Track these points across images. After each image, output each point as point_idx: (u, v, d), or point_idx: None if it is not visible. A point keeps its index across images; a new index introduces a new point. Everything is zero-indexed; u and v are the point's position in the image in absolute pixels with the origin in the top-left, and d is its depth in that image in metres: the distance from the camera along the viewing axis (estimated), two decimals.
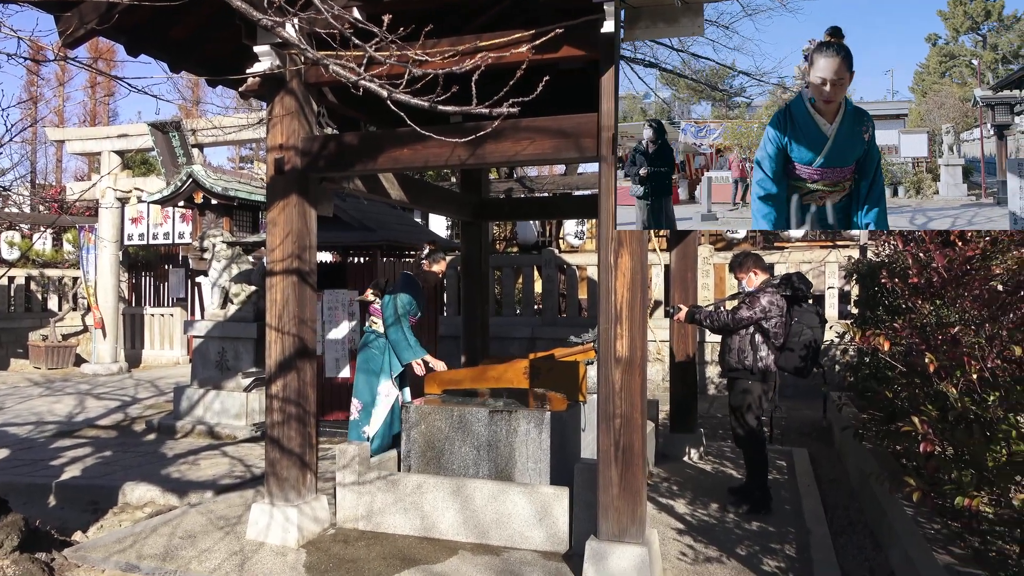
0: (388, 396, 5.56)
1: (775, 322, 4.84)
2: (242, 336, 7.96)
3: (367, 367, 5.54)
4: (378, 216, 8.26)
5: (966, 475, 3.10)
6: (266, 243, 4.53)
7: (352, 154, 4.36)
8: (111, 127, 14.07)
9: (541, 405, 4.74)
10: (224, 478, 5.87)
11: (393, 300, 5.47)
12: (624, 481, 3.69)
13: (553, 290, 11.11)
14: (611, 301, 3.72)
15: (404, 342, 5.40)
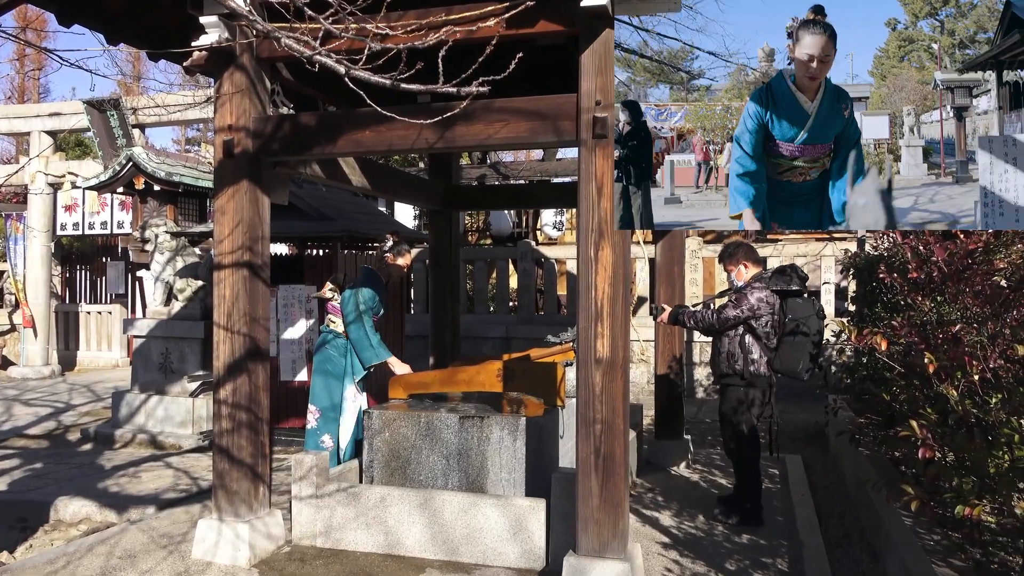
0: (354, 401, 5.53)
1: (766, 321, 4.81)
2: (188, 336, 7.87)
3: (325, 370, 5.50)
4: (338, 204, 8.20)
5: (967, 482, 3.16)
6: (214, 233, 4.48)
7: (309, 136, 4.32)
8: (41, 104, 13.81)
9: (516, 410, 4.74)
10: (168, 492, 5.81)
11: (353, 296, 5.44)
12: (605, 492, 3.71)
13: (530, 285, 11.13)
14: (591, 297, 3.73)
15: (366, 341, 5.37)
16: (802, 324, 4.69)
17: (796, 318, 4.71)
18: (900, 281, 4.62)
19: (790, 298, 4.79)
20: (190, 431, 7.62)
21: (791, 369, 4.72)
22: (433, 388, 5.15)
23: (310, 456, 4.57)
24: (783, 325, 4.78)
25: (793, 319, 4.72)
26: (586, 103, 3.72)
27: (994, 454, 3.08)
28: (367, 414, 4.78)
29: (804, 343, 4.70)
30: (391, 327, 8.13)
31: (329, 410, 5.48)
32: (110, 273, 15.77)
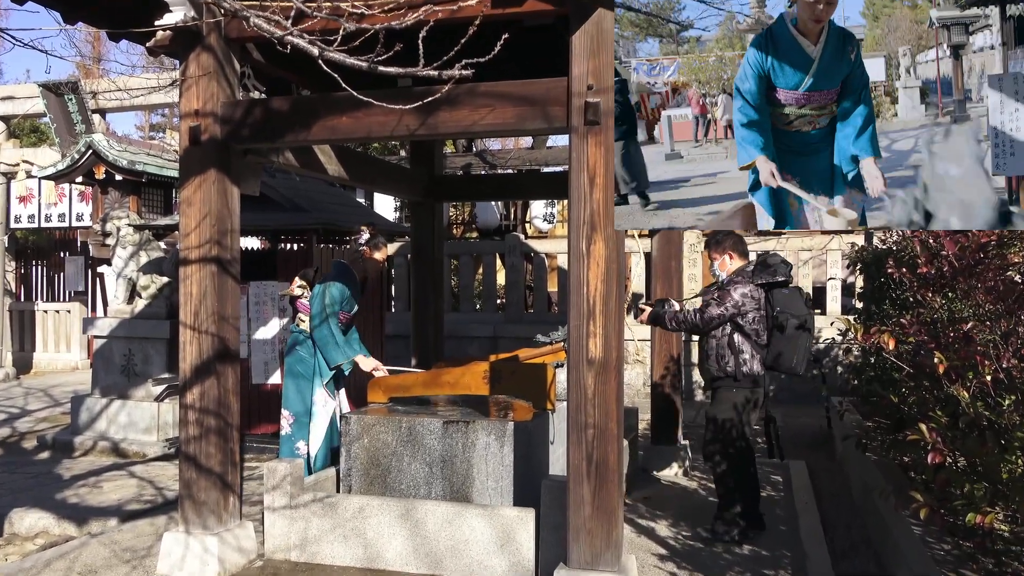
0: (326, 406, 5.52)
1: (753, 317, 4.78)
2: (152, 336, 7.83)
3: (296, 372, 5.49)
4: (313, 195, 8.17)
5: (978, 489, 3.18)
6: (180, 226, 4.46)
7: (282, 122, 4.31)
8: None
9: (503, 414, 4.75)
10: (131, 503, 5.78)
11: (322, 292, 5.42)
12: (598, 500, 3.72)
13: (518, 282, 11.14)
14: (583, 294, 3.74)
15: (331, 340, 5.34)
16: (791, 316, 4.68)
17: (784, 311, 4.70)
18: (909, 276, 4.65)
19: (776, 290, 4.76)
20: (155, 438, 7.58)
21: (786, 365, 4.72)
22: (415, 391, 5.15)
23: (283, 464, 4.56)
24: (771, 319, 4.77)
25: (782, 312, 4.71)
26: (577, 87, 3.72)
27: (1007, 459, 3.11)
28: (344, 419, 4.78)
29: (795, 336, 4.68)
30: (370, 326, 8.12)
31: (303, 415, 5.47)
32: (68, 269, 15.65)
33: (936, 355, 3.35)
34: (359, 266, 5.73)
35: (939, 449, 3.17)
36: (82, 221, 13.91)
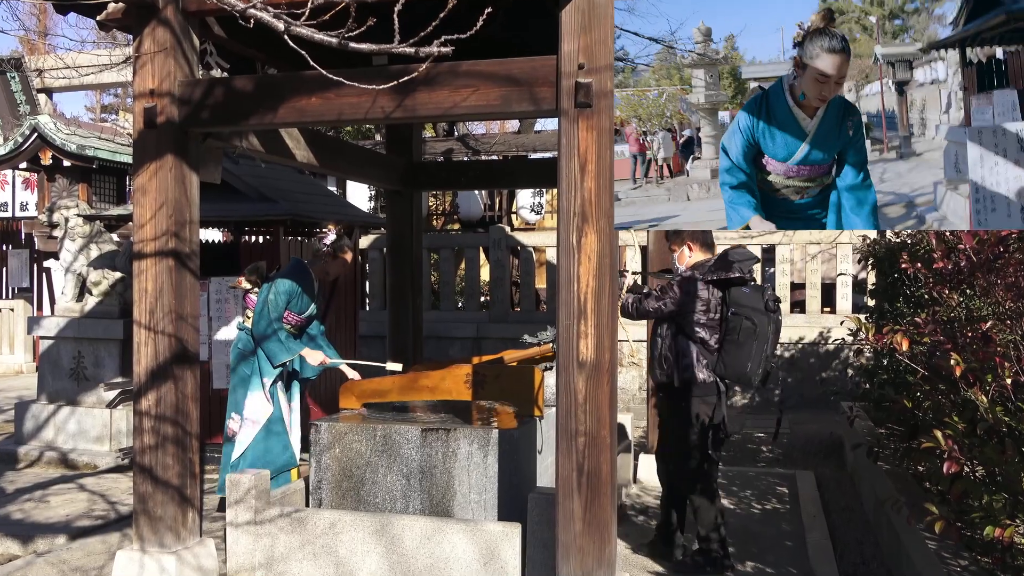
0: (255, 418, 5.42)
1: (700, 318, 4.56)
2: (104, 337, 7.77)
3: (243, 373, 5.47)
4: (280, 184, 8.14)
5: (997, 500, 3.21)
6: (134, 217, 4.43)
7: (246, 103, 4.29)
8: None
9: (487, 421, 4.75)
10: (81, 519, 5.75)
11: (270, 288, 5.39)
12: (589, 514, 3.73)
13: (504, 278, 11.14)
14: (573, 291, 3.74)
15: (274, 338, 5.30)
16: (745, 318, 4.46)
17: (740, 312, 4.48)
18: (924, 272, 4.67)
19: (733, 288, 4.54)
20: (107, 448, 7.54)
21: (738, 373, 4.51)
22: (391, 396, 5.15)
23: (247, 475, 4.54)
24: (726, 321, 4.55)
25: (736, 313, 4.49)
26: (567, 67, 3.72)
27: None
28: (314, 427, 4.77)
29: (747, 341, 4.46)
30: (342, 327, 8.11)
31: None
32: (12, 263, 15.52)
33: (952, 356, 3.38)
34: (321, 268, 5.68)
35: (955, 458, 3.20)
36: (27, 211, 13.79)
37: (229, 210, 7.56)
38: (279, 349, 5.31)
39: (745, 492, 6.21)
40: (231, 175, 7.43)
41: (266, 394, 5.42)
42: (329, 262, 5.68)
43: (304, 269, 5.59)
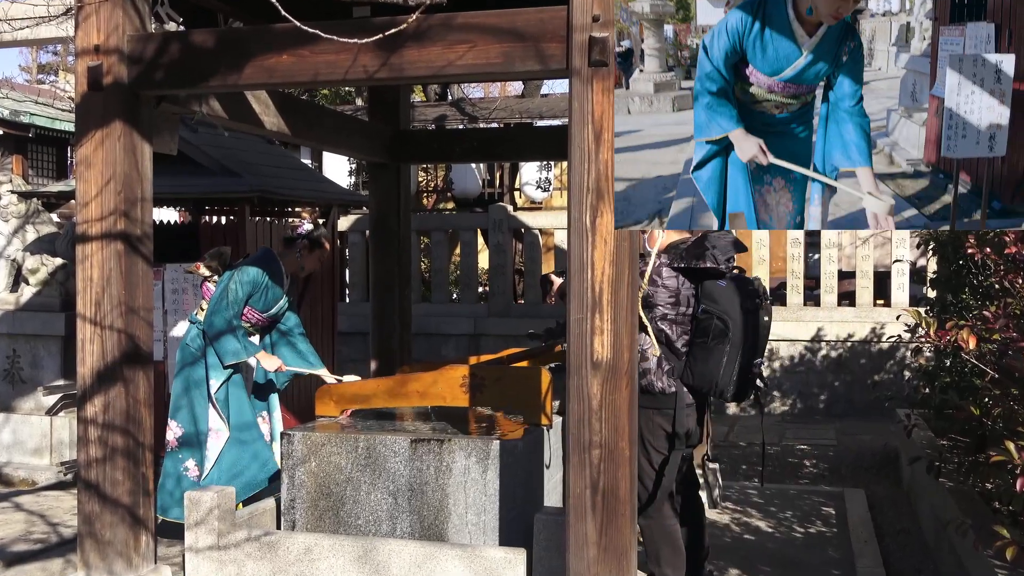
0: (218, 426, 5.43)
1: (667, 312, 4.40)
2: (43, 333, 7.79)
3: (188, 376, 5.47)
4: (247, 156, 8.13)
5: None
6: (77, 194, 4.43)
7: (206, 61, 4.28)
8: None
9: (486, 431, 4.75)
10: (18, 542, 5.77)
11: (231, 277, 5.37)
12: (606, 539, 3.73)
13: (505, 265, 11.13)
14: (587, 280, 3.73)
15: (228, 335, 5.28)
16: (718, 318, 4.26)
17: (711, 310, 4.29)
18: (995, 258, 4.67)
19: (708, 281, 4.37)
20: (47, 461, 7.56)
21: (707, 383, 4.32)
22: (376, 402, 5.15)
23: (209, 493, 4.54)
24: (696, 319, 4.39)
25: (707, 311, 4.31)
26: (580, 19, 3.71)
27: None
28: (286, 437, 4.77)
29: (720, 345, 4.26)
30: (317, 322, 8.11)
31: (192, 432, 5.44)
32: None
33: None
34: (294, 261, 5.68)
35: None
36: None
37: (187, 186, 7.56)
38: (232, 348, 5.28)
39: (785, 513, 6.22)
40: (189, 145, 7.42)
41: (213, 401, 5.40)
42: (305, 255, 5.67)
43: (274, 260, 5.58)
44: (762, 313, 4.34)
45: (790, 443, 8.66)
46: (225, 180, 7.56)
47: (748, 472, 7.54)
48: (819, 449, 8.42)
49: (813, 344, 10.17)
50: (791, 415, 10.07)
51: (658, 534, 4.46)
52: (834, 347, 10.07)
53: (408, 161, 7.52)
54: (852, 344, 10.05)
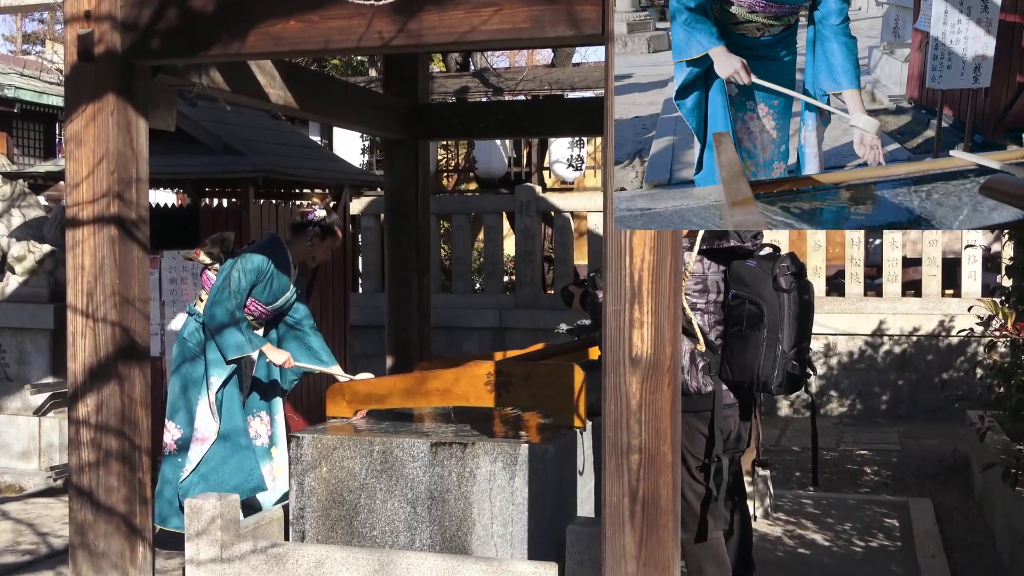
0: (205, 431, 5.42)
1: (695, 300, 4.37)
2: (31, 326, 7.85)
3: (189, 374, 5.48)
4: (251, 133, 8.16)
5: None
6: (66, 174, 4.45)
7: (206, 28, 4.29)
8: None
9: (514, 434, 4.75)
10: (4, 554, 5.82)
11: (234, 264, 5.36)
12: (646, 552, 3.72)
13: (533, 251, 11.12)
14: (624, 267, 3.72)
15: (232, 328, 5.27)
16: (750, 302, 4.22)
17: (742, 295, 4.25)
18: None
19: (735, 262, 4.33)
20: (36, 465, 7.62)
21: (747, 375, 4.27)
22: (392, 402, 5.16)
23: (211, 501, 4.57)
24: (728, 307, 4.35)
25: (738, 296, 4.26)
26: None
27: None
28: (294, 440, 4.79)
29: (756, 332, 4.22)
30: (328, 315, 8.14)
31: (191, 434, 5.46)
32: None
33: None
34: (304, 250, 5.68)
35: None
36: None
37: (186, 165, 7.59)
38: (236, 341, 5.28)
39: (843, 525, 6.19)
40: (188, 121, 7.45)
41: (211, 401, 5.40)
42: (316, 244, 5.67)
43: (280, 247, 5.57)
44: (801, 292, 4.26)
45: (849, 448, 8.61)
46: (227, 159, 7.58)
47: (802, 479, 7.51)
48: (881, 455, 8.37)
49: (874, 339, 10.09)
50: (850, 417, 10.01)
51: (700, 549, 4.43)
52: (897, 342, 9.99)
53: (427, 137, 7.52)
54: (918, 339, 9.96)
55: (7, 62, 11.24)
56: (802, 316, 4.26)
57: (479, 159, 13.36)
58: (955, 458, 8.02)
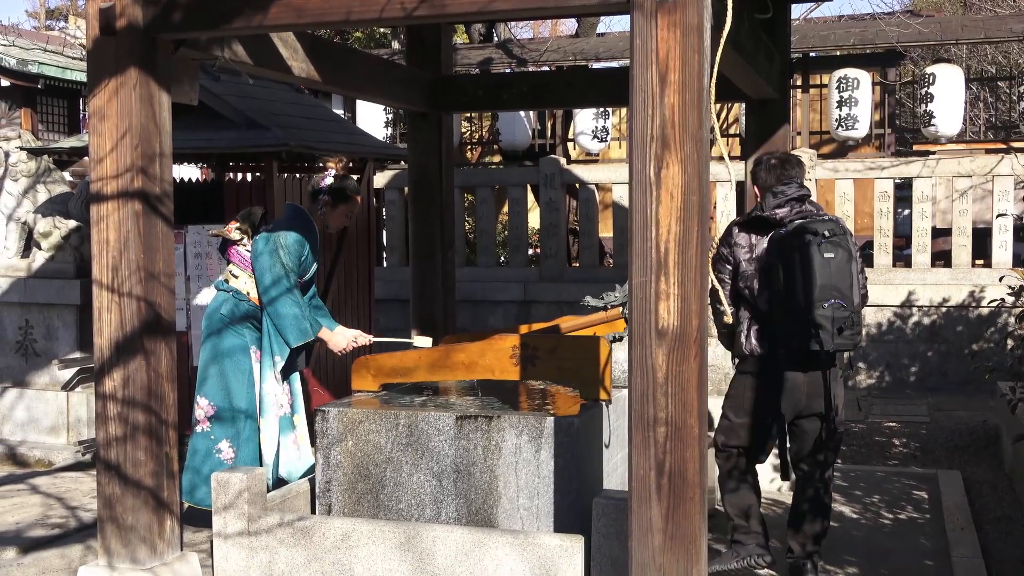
0: (276, 403, 5.47)
1: (747, 268, 4.74)
2: (57, 302, 7.90)
3: (223, 348, 5.49)
4: (274, 106, 8.15)
5: None
6: (90, 150, 4.46)
7: (228, 1, 4.27)
8: None
9: (539, 407, 4.75)
10: (35, 527, 5.88)
11: (272, 243, 5.35)
12: (672, 525, 3.72)
13: (558, 224, 11.10)
14: (650, 239, 3.70)
15: (294, 314, 5.30)
16: (782, 264, 4.56)
17: (778, 261, 4.59)
18: None
19: (773, 232, 4.67)
20: (64, 440, 7.69)
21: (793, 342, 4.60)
22: (418, 375, 5.17)
23: (238, 475, 4.59)
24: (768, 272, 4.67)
25: (771, 261, 4.64)
26: None
27: None
28: (320, 414, 4.81)
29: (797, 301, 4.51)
30: (352, 289, 8.15)
31: (226, 408, 5.48)
32: None
33: None
34: (317, 218, 5.68)
35: None
36: None
37: (209, 140, 7.59)
38: (296, 330, 5.32)
39: (871, 497, 6.17)
40: (210, 95, 7.45)
41: (276, 377, 5.45)
42: (328, 212, 5.66)
43: (306, 218, 5.59)
44: (814, 251, 4.46)
45: (877, 420, 8.57)
46: (251, 133, 7.58)
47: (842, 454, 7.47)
48: (910, 427, 8.34)
49: (903, 310, 10.03)
50: (878, 389, 9.96)
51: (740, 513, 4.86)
52: (927, 313, 9.92)
53: (450, 110, 7.49)
54: (947, 309, 9.89)
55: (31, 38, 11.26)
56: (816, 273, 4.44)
57: (503, 131, 13.32)
58: (985, 430, 7.97)
